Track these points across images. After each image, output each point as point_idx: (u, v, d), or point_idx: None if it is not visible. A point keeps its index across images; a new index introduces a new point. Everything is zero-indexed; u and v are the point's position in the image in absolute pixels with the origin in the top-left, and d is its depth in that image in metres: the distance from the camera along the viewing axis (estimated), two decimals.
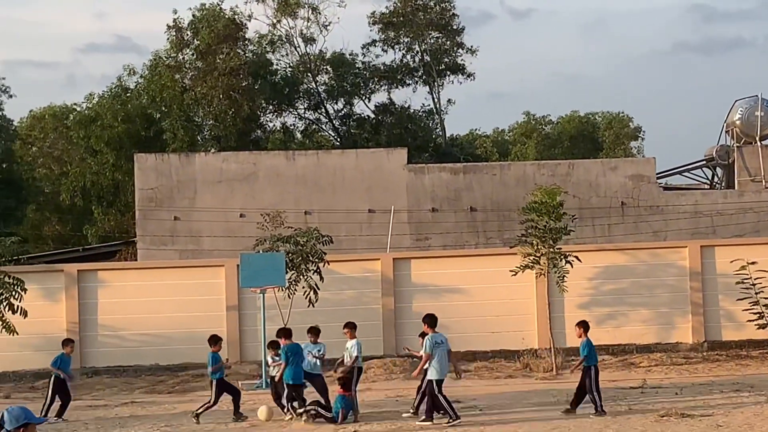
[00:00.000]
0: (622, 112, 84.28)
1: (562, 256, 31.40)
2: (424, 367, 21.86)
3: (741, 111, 46.05)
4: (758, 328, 33.00)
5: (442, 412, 21.71)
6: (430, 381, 21.68)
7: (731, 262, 33.09)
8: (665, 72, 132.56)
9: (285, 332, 23.94)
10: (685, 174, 49.90)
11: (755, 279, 32.55)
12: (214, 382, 23.18)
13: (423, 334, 22.60)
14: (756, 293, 32.60)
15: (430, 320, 22.40)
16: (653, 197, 43.24)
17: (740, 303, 33.08)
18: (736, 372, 29.99)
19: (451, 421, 21.42)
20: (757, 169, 44.83)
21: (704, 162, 48.68)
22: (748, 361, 32.03)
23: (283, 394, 23.09)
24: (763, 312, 32.69)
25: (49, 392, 25.24)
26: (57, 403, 25.10)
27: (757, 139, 45.27)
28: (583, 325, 23.63)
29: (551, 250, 31.39)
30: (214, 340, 23.82)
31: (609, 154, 76.07)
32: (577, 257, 31.71)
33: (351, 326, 24.33)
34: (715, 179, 48.61)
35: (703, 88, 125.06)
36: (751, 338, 33.98)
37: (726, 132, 47.01)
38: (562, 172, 43.30)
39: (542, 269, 31.82)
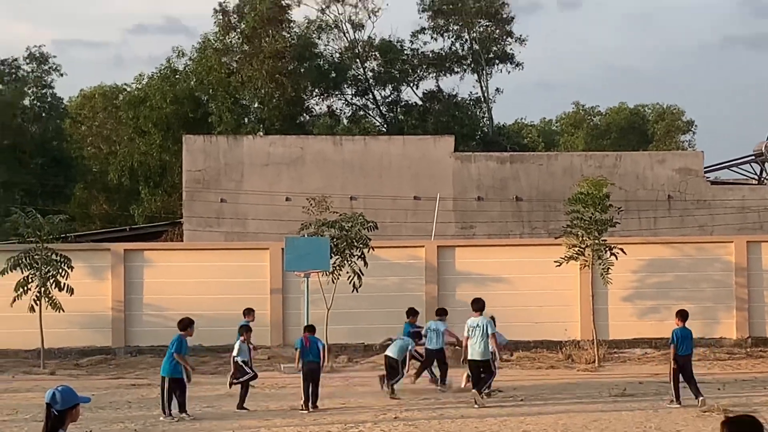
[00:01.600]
0: (674, 105, 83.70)
1: (606, 248, 31.30)
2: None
3: None
4: None
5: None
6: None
7: None
8: (714, 65, 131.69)
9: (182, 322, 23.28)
10: (733, 168, 49.54)
11: None
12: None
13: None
14: None
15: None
16: (700, 191, 42.99)
17: None
18: None
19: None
20: None
21: (753, 157, 48.31)
22: None
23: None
24: None
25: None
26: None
27: None
28: (679, 314, 23.16)
29: (596, 241, 31.29)
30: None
31: (659, 146, 75.59)
32: (622, 249, 31.58)
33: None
34: (764, 174, 48.23)
35: (753, 82, 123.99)
36: None
37: None
38: (609, 163, 43.13)
39: (587, 261, 31.73)
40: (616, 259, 31.39)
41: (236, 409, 22.67)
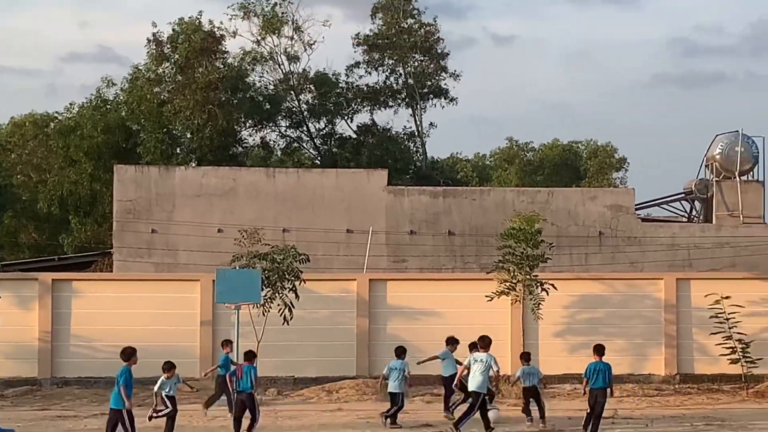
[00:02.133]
0: (609, 143, 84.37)
1: (538, 284, 31.45)
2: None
3: (721, 146, 46.15)
4: (730, 363, 33.19)
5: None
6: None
7: (706, 296, 33.21)
8: (646, 104, 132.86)
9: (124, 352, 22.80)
10: (664, 206, 49.99)
11: (729, 314, 32.71)
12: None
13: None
14: (729, 328, 32.78)
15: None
16: (631, 228, 43.32)
17: (713, 337, 33.23)
18: (707, 405, 30.04)
19: None
20: (735, 204, 44.94)
21: (683, 195, 48.79)
22: (719, 395, 32.11)
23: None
24: (735, 347, 32.86)
25: (229, 390, 26.03)
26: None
27: (736, 174, 45.38)
28: (595, 349, 23.87)
29: (528, 277, 31.43)
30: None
31: (592, 183, 76.14)
32: (553, 285, 31.74)
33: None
34: (693, 213, 48.72)
35: (684, 121, 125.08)
36: (723, 372, 34.11)
37: (706, 166, 47.14)
38: (542, 199, 43.34)
39: (518, 296, 31.85)
40: (547, 294, 31.55)
41: None
